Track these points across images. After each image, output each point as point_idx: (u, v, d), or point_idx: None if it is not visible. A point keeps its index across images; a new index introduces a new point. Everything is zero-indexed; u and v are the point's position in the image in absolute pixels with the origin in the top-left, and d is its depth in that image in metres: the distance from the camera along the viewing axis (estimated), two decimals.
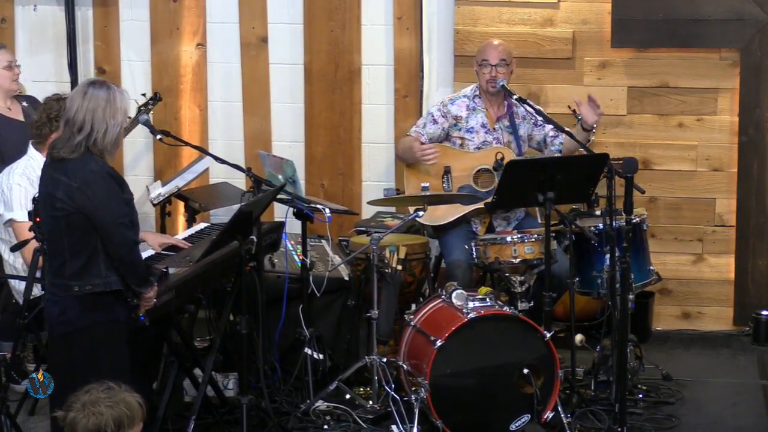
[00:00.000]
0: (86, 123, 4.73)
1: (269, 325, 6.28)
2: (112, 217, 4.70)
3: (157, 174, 7.85)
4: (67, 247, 4.75)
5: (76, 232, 4.72)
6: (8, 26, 7.91)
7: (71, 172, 4.71)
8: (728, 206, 7.54)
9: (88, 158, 4.72)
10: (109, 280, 4.75)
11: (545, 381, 5.79)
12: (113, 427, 3.99)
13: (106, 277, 4.74)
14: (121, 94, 4.84)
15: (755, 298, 7.55)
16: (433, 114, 6.86)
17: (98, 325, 4.76)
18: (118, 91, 4.84)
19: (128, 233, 4.74)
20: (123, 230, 4.72)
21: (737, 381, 6.81)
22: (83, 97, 4.77)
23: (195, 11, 7.82)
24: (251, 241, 5.62)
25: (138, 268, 4.81)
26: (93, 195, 4.69)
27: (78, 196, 4.69)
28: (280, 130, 7.87)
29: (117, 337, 4.83)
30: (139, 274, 4.82)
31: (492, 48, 6.79)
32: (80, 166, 4.71)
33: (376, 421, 6.03)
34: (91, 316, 4.76)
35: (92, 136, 4.73)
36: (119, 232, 4.71)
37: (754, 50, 7.39)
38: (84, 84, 4.89)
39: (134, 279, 4.81)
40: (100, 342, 4.77)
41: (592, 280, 6.45)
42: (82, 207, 4.70)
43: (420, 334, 5.96)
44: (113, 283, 4.76)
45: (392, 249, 6.31)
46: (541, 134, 6.86)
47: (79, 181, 4.69)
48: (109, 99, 4.78)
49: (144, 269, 4.86)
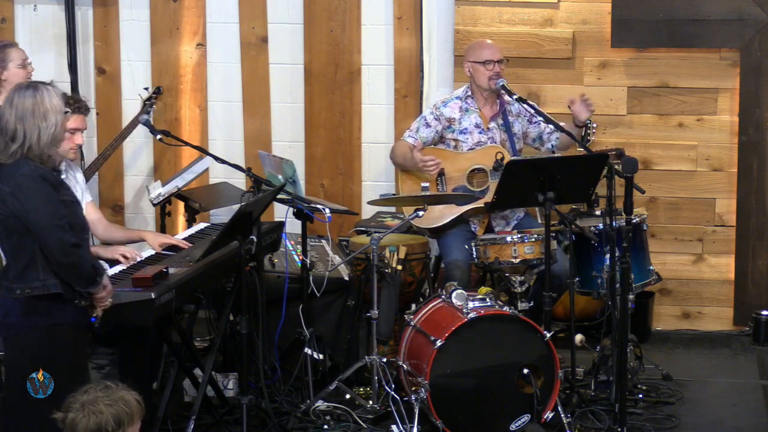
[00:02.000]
0: (18, 132, 4.66)
1: (269, 325, 6.28)
2: (45, 220, 4.61)
3: (157, 174, 7.85)
4: (9, 250, 4.72)
5: (14, 235, 4.67)
6: (8, 26, 7.91)
7: (4, 177, 4.66)
8: (728, 206, 7.54)
9: (21, 162, 4.65)
10: (47, 283, 4.66)
11: (545, 381, 5.79)
12: (113, 425, 4.00)
13: (44, 280, 4.66)
14: (48, 92, 4.72)
15: (755, 298, 7.55)
16: (426, 118, 6.87)
17: (39, 328, 4.68)
18: (45, 90, 4.73)
19: (64, 236, 4.64)
20: (58, 233, 4.63)
21: (737, 381, 6.81)
22: (11, 105, 4.69)
23: (195, 11, 7.82)
24: (251, 241, 5.62)
25: (80, 270, 4.70)
26: (25, 199, 4.61)
27: (10, 200, 4.63)
28: (280, 130, 7.87)
29: (61, 340, 4.73)
30: (82, 275, 4.71)
31: (490, 47, 6.82)
32: (13, 171, 4.65)
33: (376, 421, 6.03)
34: (32, 319, 4.68)
35: (26, 143, 4.66)
36: (54, 235, 4.62)
37: (754, 50, 7.39)
38: (12, 91, 4.79)
39: (78, 281, 4.70)
40: (43, 345, 4.69)
41: (592, 280, 6.45)
42: (15, 211, 4.64)
43: (420, 334, 5.96)
44: (51, 286, 4.66)
45: (392, 249, 6.32)
46: (536, 131, 6.86)
47: (11, 186, 4.63)
48: (36, 102, 4.68)
49: (89, 270, 4.73)
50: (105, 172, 7.91)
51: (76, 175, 6.14)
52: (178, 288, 5.30)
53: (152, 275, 5.23)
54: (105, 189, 8.00)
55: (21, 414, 4.67)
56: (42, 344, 4.68)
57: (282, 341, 6.46)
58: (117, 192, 8.00)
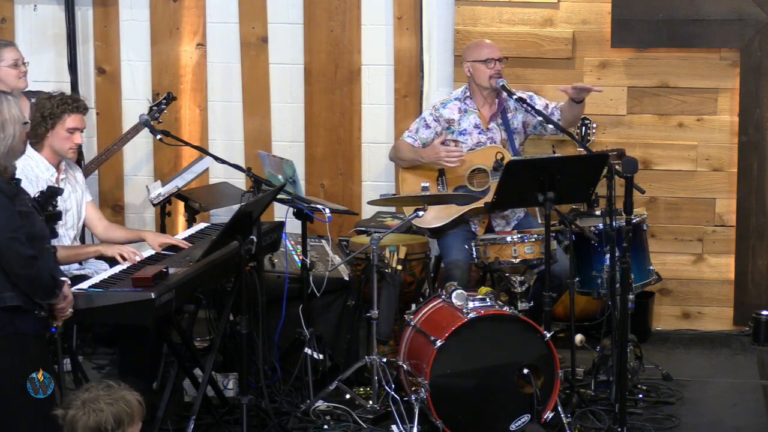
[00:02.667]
0: None
1: (269, 325, 6.28)
2: (0, 233, 4.51)
3: (157, 174, 7.85)
4: None
5: None
6: (8, 26, 7.91)
7: None
8: (728, 206, 7.54)
9: None
10: (3, 296, 4.56)
11: (545, 381, 5.79)
12: (113, 424, 3.99)
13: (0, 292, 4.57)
14: (8, 102, 4.64)
15: (755, 298, 7.55)
16: (426, 119, 6.87)
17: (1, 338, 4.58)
18: (5, 100, 4.64)
19: (21, 248, 4.53)
20: (14, 245, 4.52)
21: (737, 381, 6.81)
22: None
23: (195, 11, 7.82)
24: (251, 241, 5.62)
25: (39, 281, 4.60)
26: None
27: None
28: (280, 130, 7.87)
29: (21, 352, 4.62)
30: (42, 287, 4.62)
31: (490, 45, 6.83)
32: None
33: (376, 421, 6.02)
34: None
35: None
36: (10, 247, 4.52)
37: (754, 50, 7.39)
38: None
39: (37, 292, 4.62)
40: (7, 354, 4.58)
41: (592, 280, 6.45)
42: None
43: (420, 334, 5.96)
44: (8, 299, 4.56)
45: (392, 249, 6.32)
46: (534, 119, 6.85)
47: None
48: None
49: (48, 281, 4.63)
50: (105, 172, 7.91)
51: (76, 174, 6.15)
52: (178, 288, 5.29)
53: (152, 275, 5.23)
54: (105, 189, 8.00)
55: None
56: (5, 353, 4.58)
57: (282, 341, 6.45)
58: (117, 192, 8.00)
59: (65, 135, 5.91)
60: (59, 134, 5.90)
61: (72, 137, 5.94)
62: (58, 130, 5.89)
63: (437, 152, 6.67)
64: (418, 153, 6.76)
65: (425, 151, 6.74)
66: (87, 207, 6.15)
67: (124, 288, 5.20)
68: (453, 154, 6.66)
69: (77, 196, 6.09)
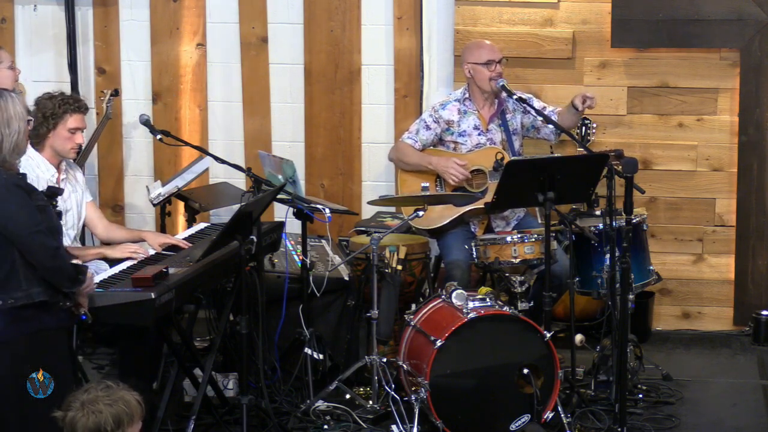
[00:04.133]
0: None
1: (269, 325, 6.28)
2: (25, 229, 4.56)
3: (157, 174, 7.85)
4: None
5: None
6: (8, 26, 7.91)
7: None
8: (728, 206, 7.54)
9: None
10: (30, 292, 4.61)
11: (545, 381, 5.79)
12: (113, 425, 4.00)
13: (27, 289, 4.60)
14: (12, 99, 4.66)
15: (755, 298, 7.55)
16: (426, 120, 6.86)
17: (25, 337, 4.62)
18: (9, 97, 4.66)
19: (46, 240, 4.60)
20: (40, 238, 4.58)
21: (737, 381, 6.81)
22: None
23: (195, 11, 7.82)
24: (251, 241, 5.62)
25: (65, 272, 4.68)
26: (1, 209, 4.56)
27: None
28: (280, 130, 7.87)
29: (46, 346, 4.68)
30: (68, 276, 4.69)
31: (489, 47, 6.83)
32: None
33: (376, 421, 6.03)
34: (17, 328, 4.61)
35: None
36: (36, 241, 4.58)
37: (754, 50, 7.39)
38: None
39: (64, 283, 4.68)
40: (27, 354, 4.63)
41: (592, 280, 6.45)
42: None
43: (420, 334, 5.96)
44: (35, 295, 4.61)
45: (392, 249, 6.32)
46: (530, 120, 6.84)
47: None
48: (0, 109, 4.62)
49: (71, 271, 4.71)
50: (105, 172, 7.92)
51: (77, 174, 6.15)
52: (178, 288, 5.29)
53: (152, 275, 5.23)
54: (105, 189, 8.00)
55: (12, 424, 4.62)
56: (26, 352, 4.61)
57: (282, 341, 6.45)
58: (117, 192, 8.00)
59: (67, 135, 5.92)
60: (61, 134, 5.91)
61: (73, 137, 5.95)
62: (59, 130, 5.90)
63: (449, 166, 6.67)
64: (427, 160, 6.75)
65: (437, 161, 6.72)
66: (87, 207, 6.15)
67: (124, 288, 5.20)
68: (462, 173, 6.65)
69: (77, 196, 6.09)
